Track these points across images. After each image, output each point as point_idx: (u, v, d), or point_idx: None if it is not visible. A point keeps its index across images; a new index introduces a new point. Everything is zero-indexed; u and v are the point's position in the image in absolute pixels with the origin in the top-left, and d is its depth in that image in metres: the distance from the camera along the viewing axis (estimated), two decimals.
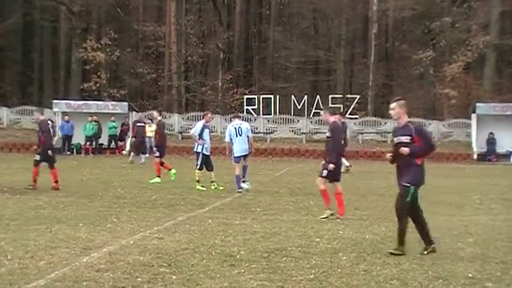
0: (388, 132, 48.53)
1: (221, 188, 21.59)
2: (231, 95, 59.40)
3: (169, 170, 24.48)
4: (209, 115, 23.24)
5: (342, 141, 18.48)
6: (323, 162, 15.34)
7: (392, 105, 11.70)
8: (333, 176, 15.17)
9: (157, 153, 24.42)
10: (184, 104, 60.20)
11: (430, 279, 9.06)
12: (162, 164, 24.46)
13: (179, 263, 9.84)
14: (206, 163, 21.81)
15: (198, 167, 21.72)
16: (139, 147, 35.63)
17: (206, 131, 21.90)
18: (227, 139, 21.63)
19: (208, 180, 21.64)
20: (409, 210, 11.02)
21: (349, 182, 24.69)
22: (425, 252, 10.81)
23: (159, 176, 23.94)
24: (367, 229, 13.43)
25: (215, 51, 62.64)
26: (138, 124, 36.30)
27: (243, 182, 21.08)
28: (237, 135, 21.09)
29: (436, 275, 9.31)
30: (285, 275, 9.21)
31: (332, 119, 15.57)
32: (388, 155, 11.30)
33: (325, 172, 15.12)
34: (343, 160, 30.55)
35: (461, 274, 9.35)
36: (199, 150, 21.66)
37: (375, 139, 48.66)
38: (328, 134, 15.32)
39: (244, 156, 21.15)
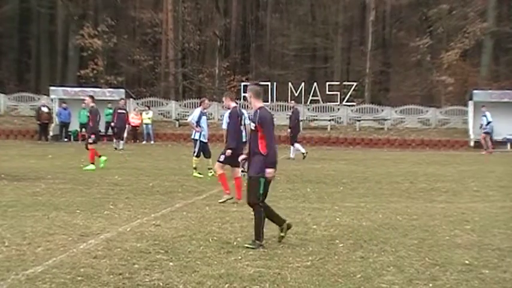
0: (385, 119, 48.64)
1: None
2: (228, 82, 59.37)
3: (99, 156, 24.01)
4: (206, 102, 23.13)
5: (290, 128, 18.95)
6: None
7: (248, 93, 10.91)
8: (234, 162, 14.94)
9: (91, 140, 23.83)
10: (181, 91, 60.17)
11: (426, 266, 9.08)
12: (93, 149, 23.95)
13: (176, 250, 9.85)
14: (204, 150, 21.78)
15: (195, 154, 21.70)
16: (119, 134, 36.85)
17: (203, 118, 21.85)
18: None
19: (205, 167, 21.64)
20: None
21: (347, 169, 24.74)
22: (282, 234, 10.51)
23: (93, 163, 23.68)
24: (364, 216, 13.44)
25: (212, 38, 62.51)
26: (119, 111, 37.10)
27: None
28: None
29: (432, 261, 9.33)
30: (281, 261, 9.22)
31: (233, 104, 15.08)
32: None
33: (222, 157, 15.28)
34: (299, 147, 30.67)
35: (458, 261, 9.36)
36: (196, 137, 21.61)
37: (372, 126, 48.65)
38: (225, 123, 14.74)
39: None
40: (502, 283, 8.25)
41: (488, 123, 37.77)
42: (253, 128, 10.56)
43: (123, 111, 37.81)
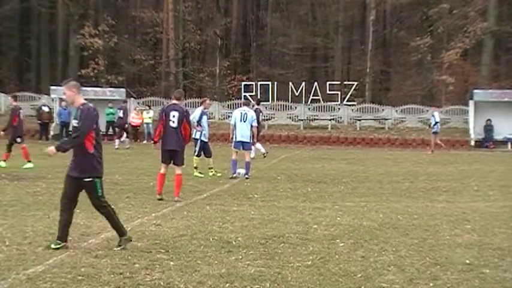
0: (386, 119, 48.65)
1: (219, 174, 21.63)
2: (228, 82, 59.41)
3: (5, 160, 23.85)
4: (207, 101, 23.23)
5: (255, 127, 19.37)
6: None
7: (63, 89, 10.34)
8: (176, 161, 15.81)
9: (19, 139, 23.78)
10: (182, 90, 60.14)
11: (427, 266, 9.09)
12: (10, 150, 23.75)
13: (177, 249, 9.86)
14: (204, 149, 21.80)
15: (196, 153, 21.73)
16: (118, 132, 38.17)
17: (204, 117, 21.90)
18: (232, 122, 21.66)
19: (206, 166, 21.65)
20: (68, 199, 10.35)
21: (347, 169, 24.75)
22: (54, 246, 9.74)
23: (30, 161, 23.67)
24: (364, 215, 13.45)
25: (213, 38, 62.50)
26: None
27: (246, 176, 21.01)
28: (241, 121, 21.13)
29: (433, 261, 9.34)
30: (282, 261, 9.23)
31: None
32: None
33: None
34: (260, 146, 30.69)
35: (458, 260, 9.37)
36: (197, 136, 21.63)
37: (372, 126, 48.62)
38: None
39: (244, 145, 21.14)
40: (502, 282, 8.26)
41: (436, 123, 37.72)
42: (75, 124, 9.94)
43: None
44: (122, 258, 9.23)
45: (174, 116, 15.70)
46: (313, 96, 50.08)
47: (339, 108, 50.01)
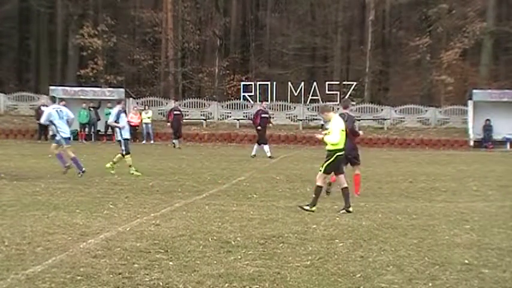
0: (385, 119, 48.68)
1: (138, 174, 21.52)
2: (227, 82, 59.40)
3: None
4: (123, 102, 23.76)
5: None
6: None
7: None
8: None
9: None
10: (181, 90, 60.13)
11: (426, 266, 9.09)
12: None
13: (176, 249, 9.86)
14: (125, 146, 22.05)
15: (124, 152, 21.92)
16: (176, 133, 39.89)
17: (122, 115, 22.10)
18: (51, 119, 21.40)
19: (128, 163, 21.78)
20: None
21: (347, 170, 24.69)
22: None
23: None
24: (363, 216, 13.46)
25: (212, 38, 62.44)
26: (175, 112, 39.93)
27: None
28: (59, 118, 21.08)
29: (432, 261, 9.35)
30: (281, 261, 9.23)
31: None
32: None
33: None
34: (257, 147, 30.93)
35: (457, 260, 9.38)
36: (119, 138, 22.01)
37: (371, 126, 48.62)
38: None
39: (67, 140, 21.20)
40: (501, 283, 8.27)
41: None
42: None
43: (178, 112, 40.25)
44: (120, 258, 9.23)
45: None
46: (312, 96, 50.06)
47: (338, 108, 49.93)
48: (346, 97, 49.98)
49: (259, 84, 51.59)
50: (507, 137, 44.64)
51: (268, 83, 51.55)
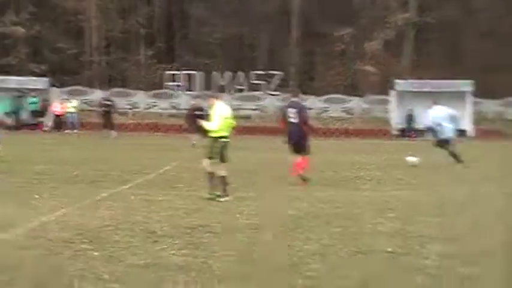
0: (309, 109, 48.97)
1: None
2: (153, 71, 58.95)
3: None
4: None
5: None
6: None
7: None
8: None
9: None
10: (106, 79, 59.46)
11: (350, 254, 9.21)
12: None
13: (101, 240, 9.80)
14: None
15: None
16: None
17: None
18: None
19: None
20: None
21: (273, 158, 24.76)
22: None
23: None
24: (289, 205, 13.55)
25: (136, 27, 61.92)
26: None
27: None
28: None
29: (356, 249, 9.46)
30: (207, 250, 9.26)
31: None
32: None
33: None
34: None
35: (381, 248, 9.51)
36: None
37: None
38: None
39: None
40: (423, 269, 8.42)
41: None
42: None
43: (109, 102, 40.37)
44: (45, 248, 9.13)
45: None
46: (238, 85, 50.20)
47: (264, 98, 50.19)
48: (272, 86, 50.44)
49: (185, 74, 51.42)
50: (428, 127, 45.46)
51: (194, 72, 51.41)
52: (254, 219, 11.76)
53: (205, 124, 14.65)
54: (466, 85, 46.25)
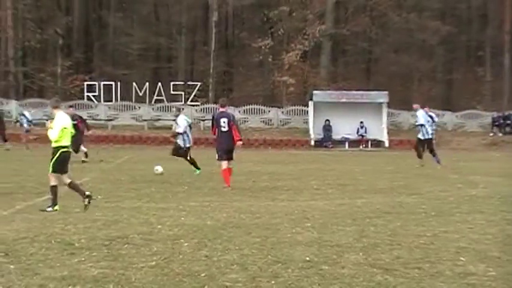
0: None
1: None
2: (70, 81, 58.28)
3: None
4: None
5: None
6: None
7: None
8: None
9: None
10: (22, 90, 58.53)
11: (269, 264, 9.26)
12: None
13: (17, 252, 9.64)
14: None
15: None
16: None
17: None
18: None
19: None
20: None
21: (191, 169, 24.73)
22: None
23: None
24: (208, 215, 13.55)
25: (54, 37, 61.16)
26: None
27: None
28: None
29: (275, 259, 9.51)
30: (126, 262, 9.20)
31: None
32: None
33: None
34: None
35: (299, 258, 9.58)
36: None
37: None
38: None
39: None
40: (340, 278, 8.52)
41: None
42: None
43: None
44: None
45: None
46: (157, 96, 50.22)
47: (183, 109, 50.11)
48: (191, 97, 50.48)
49: (104, 84, 51.03)
50: (346, 137, 46.15)
51: (113, 83, 51.05)
52: (175, 230, 11.72)
53: (48, 133, 14.58)
54: (381, 96, 47.06)
